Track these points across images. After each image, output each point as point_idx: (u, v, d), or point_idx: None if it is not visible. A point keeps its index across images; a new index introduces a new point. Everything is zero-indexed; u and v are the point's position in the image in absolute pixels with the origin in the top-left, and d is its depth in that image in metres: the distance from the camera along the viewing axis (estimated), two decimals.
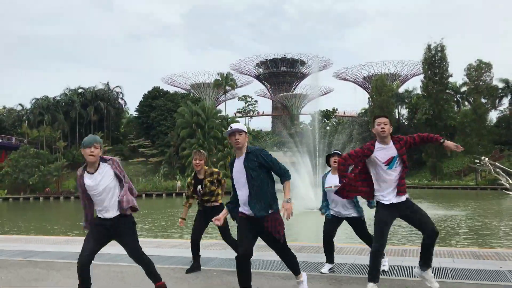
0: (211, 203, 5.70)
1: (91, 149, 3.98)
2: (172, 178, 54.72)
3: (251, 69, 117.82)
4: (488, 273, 5.26)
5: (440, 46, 61.66)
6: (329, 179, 5.68)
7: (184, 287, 5.00)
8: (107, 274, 5.65)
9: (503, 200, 31.10)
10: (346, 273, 5.47)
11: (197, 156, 5.70)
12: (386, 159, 4.42)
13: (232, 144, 4.25)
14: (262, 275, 5.39)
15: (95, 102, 68.80)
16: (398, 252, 6.82)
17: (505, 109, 67.09)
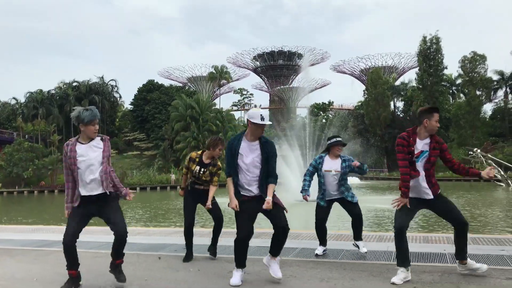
0: (203, 186, 5.59)
1: (96, 126, 4.10)
2: (166, 171, 54.78)
3: (248, 62, 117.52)
4: (430, 256, 5.33)
5: (435, 38, 61.62)
6: (328, 163, 5.63)
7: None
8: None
9: (495, 192, 31.21)
10: (294, 257, 5.53)
11: (222, 145, 5.52)
12: (416, 152, 4.36)
13: (253, 131, 4.34)
14: (210, 259, 5.45)
15: (90, 96, 68.76)
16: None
17: (499, 101, 67.14)
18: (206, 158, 5.53)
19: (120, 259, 4.30)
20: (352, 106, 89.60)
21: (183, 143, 55.47)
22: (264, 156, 4.35)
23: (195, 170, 5.48)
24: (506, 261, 5.01)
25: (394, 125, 66.98)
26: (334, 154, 5.64)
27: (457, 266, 4.52)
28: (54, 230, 8.95)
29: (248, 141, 4.38)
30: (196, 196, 5.60)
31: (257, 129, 4.33)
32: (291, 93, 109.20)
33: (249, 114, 4.37)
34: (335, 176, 5.56)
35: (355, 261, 5.25)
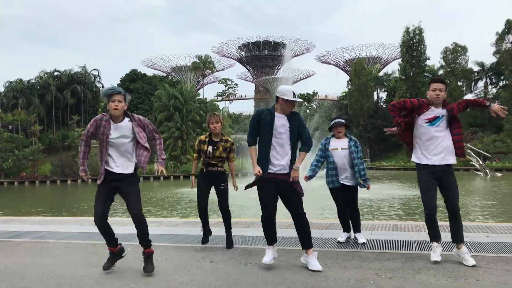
0: (217, 167, 5.56)
1: (115, 103, 4.14)
2: (149, 162, 54.27)
3: (233, 52, 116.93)
4: (396, 243, 5.41)
5: (418, 29, 62.00)
6: (334, 142, 5.68)
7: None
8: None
9: (474, 180, 31.77)
10: (262, 246, 5.54)
11: (213, 119, 5.49)
12: (429, 117, 4.44)
13: (284, 108, 4.37)
14: (177, 248, 5.45)
15: (72, 86, 67.66)
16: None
17: (480, 92, 68.05)
18: (214, 137, 5.55)
19: (148, 249, 4.30)
20: (336, 96, 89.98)
21: (167, 134, 54.96)
22: (295, 128, 4.38)
23: (208, 151, 5.47)
24: (468, 247, 5.10)
25: (377, 116, 67.49)
26: (337, 136, 5.69)
27: (454, 249, 4.59)
28: (25, 221, 8.84)
29: (279, 114, 4.40)
30: (210, 179, 5.58)
31: (288, 106, 4.36)
32: (276, 84, 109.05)
33: (279, 90, 4.39)
34: (343, 153, 5.58)
35: (325, 249, 5.28)
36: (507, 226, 6.61)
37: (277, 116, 4.39)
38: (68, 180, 45.10)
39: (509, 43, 53.73)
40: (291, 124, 4.38)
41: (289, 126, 4.37)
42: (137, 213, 4.23)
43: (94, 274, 4.31)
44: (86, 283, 4.01)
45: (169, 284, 3.93)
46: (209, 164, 5.54)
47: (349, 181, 5.60)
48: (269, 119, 4.35)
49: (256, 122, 4.44)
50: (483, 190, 22.48)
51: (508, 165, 48.25)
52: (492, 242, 5.34)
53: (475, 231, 6.11)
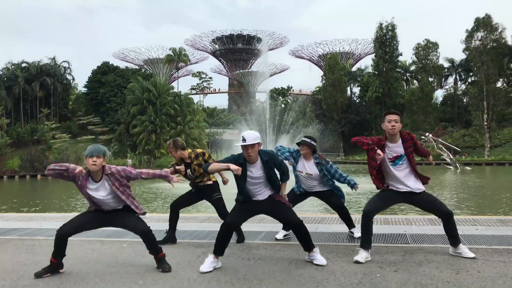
0: (204, 182, 5.55)
1: (93, 158, 4.07)
2: (122, 156, 53.50)
3: (206, 45, 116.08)
4: (391, 236, 5.53)
5: (391, 25, 63.16)
6: (301, 164, 5.53)
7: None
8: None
9: (444, 174, 32.68)
10: (260, 240, 5.58)
11: (170, 149, 5.44)
12: (392, 156, 4.45)
13: (244, 155, 4.33)
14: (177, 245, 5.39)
15: (41, 78, 65.75)
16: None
17: (450, 88, 69.95)
18: (185, 160, 5.50)
19: (160, 254, 4.30)
20: (310, 91, 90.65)
21: (140, 127, 54.20)
22: (268, 171, 4.38)
23: (189, 174, 5.48)
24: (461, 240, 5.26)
25: (351, 110, 68.47)
26: (302, 154, 5.54)
27: (450, 248, 4.66)
28: (8, 217, 8.59)
29: (251, 165, 4.36)
30: (201, 194, 5.64)
31: (244, 151, 4.30)
32: (251, 77, 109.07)
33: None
34: (307, 177, 5.53)
35: (321, 243, 5.36)
36: (493, 219, 6.85)
37: (251, 167, 4.36)
38: (38, 175, 43.87)
39: (478, 40, 55.24)
40: (267, 171, 4.37)
41: (263, 174, 4.37)
42: (141, 229, 4.25)
43: (98, 271, 4.24)
44: (92, 280, 3.94)
45: (177, 280, 3.91)
46: (196, 182, 5.58)
47: (321, 187, 5.58)
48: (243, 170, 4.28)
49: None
50: (457, 183, 23.17)
51: (476, 159, 49.86)
52: (483, 235, 5.52)
53: (464, 224, 6.30)
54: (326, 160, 5.55)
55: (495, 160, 48.92)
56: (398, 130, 4.46)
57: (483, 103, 54.92)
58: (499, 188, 20.62)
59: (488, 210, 12.13)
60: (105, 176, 4.19)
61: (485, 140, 54.86)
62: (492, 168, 42.43)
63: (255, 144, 4.25)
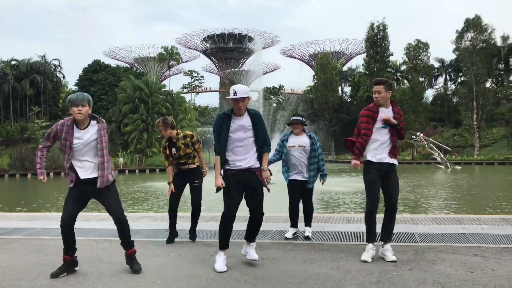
0: (188, 165, 5.57)
1: (79, 107, 3.99)
2: (114, 154, 53.11)
3: (198, 44, 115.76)
4: (398, 236, 5.59)
5: (382, 25, 63.48)
6: (292, 139, 5.71)
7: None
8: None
9: (435, 173, 32.99)
10: (269, 239, 5.62)
11: (160, 127, 5.50)
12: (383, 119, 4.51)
13: (234, 109, 4.35)
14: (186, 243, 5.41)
15: (31, 75, 65.04)
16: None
17: (440, 88, 70.60)
18: (172, 139, 5.58)
19: (131, 249, 4.23)
20: (301, 90, 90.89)
21: (132, 126, 53.91)
22: (253, 128, 4.37)
23: (173, 152, 5.51)
24: (468, 239, 5.35)
25: (342, 110, 68.82)
26: (295, 133, 5.74)
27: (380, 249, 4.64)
28: (9, 217, 8.51)
29: (235, 117, 4.37)
30: (183, 177, 5.62)
31: (233, 104, 4.33)
32: (242, 76, 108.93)
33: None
34: (299, 151, 5.64)
35: (329, 242, 5.40)
36: (497, 218, 6.95)
37: (234, 118, 4.38)
38: (28, 174, 43.42)
39: (468, 41, 55.83)
40: (253, 125, 4.38)
41: (247, 125, 4.37)
42: (119, 215, 4.16)
43: (112, 270, 4.23)
44: (109, 280, 3.92)
45: (196, 280, 3.91)
46: (180, 164, 5.60)
47: (301, 177, 5.68)
48: (224, 123, 4.35)
49: (216, 127, 4.40)
50: (449, 182, 23.39)
51: (466, 159, 50.42)
52: (489, 234, 5.59)
53: (469, 223, 6.38)
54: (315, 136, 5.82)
55: (484, 159, 49.52)
56: (383, 99, 4.54)
57: (473, 103, 55.54)
58: (492, 186, 20.87)
59: (484, 209, 12.30)
60: (94, 122, 4.13)
61: (474, 139, 55.50)
62: (481, 167, 42.96)
63: (245, 97, 4.30)
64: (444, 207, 13.51)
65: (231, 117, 4.38)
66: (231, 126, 4.35)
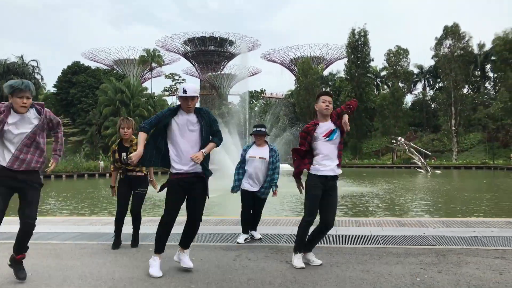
0: (135, 172, 5.47)
1: (24, 100, 3.72)
2: (94, 158, 52.31)
3: (178, 47, 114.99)
4: (413, 238, 5.65)
5: (363, 31, 64.47)
6: (254, 150, 5.80)
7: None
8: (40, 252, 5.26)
9: (415, 177, 33.52)
10: (284, 243, 5.61)
11: (125, 124, 5.45)
12: (325, 133, 4.52)
13: (182, 107, 4.24)
14: (204, 247, 5.34)
15: (8, 76, 63.23)
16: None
17: (419, 93, 71.97)
18: (125, 143, 5.52)
19: (22, 254, 3.96)
20: (282, 94, 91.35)
21: (112, 129, 53.19)
22: (204, 122, 4.25)
23: (122, 158, 5.42)
24: (483, 241, 5.44)
25: None
26: (257, 143, 5.83)
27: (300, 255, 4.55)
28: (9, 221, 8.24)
29: (184, 114, 4.25)
30: (130, 184, 5.53)
31: (183, 103, 4.23)
32: (223, 80, 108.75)
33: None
34: (259, 163, 5.71)
35: (347, 245, 5.42)
36: (502, 221, 7.10)
37: (182, 115, 4.26)
38: None
39: (447, 48, 57.14)
40: (198, 121, 4.26)
41: (198, 123, 4.25)
42: (31, 215, 3.87)
43: (139, 275, 4.14)
44: (138, 285, 3.84)
45: (228, 283, 3.86)
46: (127, 170, 5.50)
47: (257, 188, 5.75)
48: (169, 117, 4.24)
49: (161, 114, 4.27)
50: (432, 187, 23.79)
51: (445, 163, 51.48)
52: (501, 236, 5.71)
53: (478, 226, 6.50)
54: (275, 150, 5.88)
55: (462, 164, 50.67)
56: (331, 111, 4.58)
57: (451, 108, 56.83)
58: (476, 190, 21.33)
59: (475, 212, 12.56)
60: (32, 109, 3.85)
61: (453, 144, 56.75)
62: (460, 172, 43.93)
63: (195, 96, 4.27)
64: (434, 210, 13.75)
65: (178, 111, 4.28)
66: (178, 117, 4.24)
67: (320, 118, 4.61)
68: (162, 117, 4.22)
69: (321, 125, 4.56)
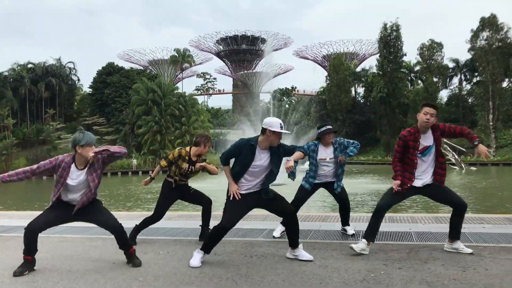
0: (186, 182, 5.50)
1: (93, 147, 4.00)
2: (127, 156, 53.67)
3: (211, 46, 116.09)
4: (395, 234, 5.46)
5: (395, 25, 62.88)
6: (322, 152, 5.47)
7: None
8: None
9: (449, 174, 32.45)
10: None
11: (208, 143, 5.31)
12: (422, 147, 4.44)
13: (270, 139, 4.17)
14: (178, 241, 5.35)
15: (46, 78, 65.87)
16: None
17: (454, 88, 69.54)
18: (193, 155, 5.35)
19: (131, 249, 4.27)
20: (314, 91, 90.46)
21: (145, 128, 54.33)
22: (277, 161, 4.28)
23: (184, 168, 5.30)
24: (468, 238, 5.19)
25: (355, 111, 68.26)
26: (326, 142, 5.49)
27: (446, 244, 4.63)
28: (12, 215, 8.59)
29: (260, 150, 4.22)
30: (179, 193, 5.49)
31: (276, 138, 4.16)
32: (255, 78, 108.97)
33: (266, 122, 4.16)
34: (329, 164, 5.48)
35: (325, 241, 5.30)
36: (500, 217, 6.75)
37: (258, 151, 4.22)
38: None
39: (483, 40, 54.94)
40: (271, 157, 4.24)
41: (269, 159, 4.23)
42: (113, 225, 4.16)
43: (99, 268, 4.20)
44: (92, 276, 3.89)
45: (177, 276, 3.85)
46: (181, 180, 5.44)
47: (330, 178, 5.54)
48: (249, 154, 4.19)
49: (237, 149, 4.27)
50: (462, 183, 22.98)
51: (482, 160, 49.49)
52: (490, 233, 5.43)
53: (470, 222, 6.21)
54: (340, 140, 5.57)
55: (501, 160, 48.60)
56: (431, 124, 4.44)
57: (489, 103, 54.64)
58: (507, 187, 20.42)
59: (495, 209, 12.02)
60: (90, 164, 4.07)
61: (490, 140, 54.55)
62: (498, 169, 42.18)
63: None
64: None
65: (255, 148, 4.21)
66: (255, 159, 4.21)
67: (421, 129, 4.48)
68: (238, 154, 4.25)
69: (420, 137, 4.45)
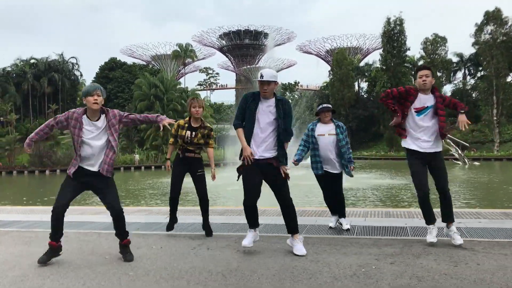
0: (194, 153, 5.42)
1: (94, 97, 4.04)
2: (130, 151, 53.64)
3: (214, 41, 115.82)
4: (390, 229, 5.43)
5: (398, 19, 62.40)
6: (320, 128, 5.53)
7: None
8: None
9: (453, 169, 32.32)
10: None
11: (196, 103, 5.33)
12: (420, 106, 4.52)
13: (263, 93, 4.36)
14: (172, 236, 5.34)
15: (49, 74, 65.94)
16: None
17: (458, 82, 69.18)
18: (193, 122, 5.39)
19: (125, 239, 4.30)
20: (318, 86, 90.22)
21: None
22: (279, 115, 4.34)
23: (186, 136, 5.31)
24: (463, 232, 5.15)
25: (358, 106, 68.05)
26: (324, 121, 5.55)
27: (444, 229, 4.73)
28: (10, 210, 8.60)
29: (262, 101, 4.38)
30: (186, 165, 5.43)
31: (260, 87, 4.34)
32: (258, 73, 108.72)
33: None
34: (329, 139, 5.46)
35: (319, 235, 5.27)
36: (497, 212, 6.71)
37: (262, 103, 4.37)
38: (47, 170, 44.24)
39: (488, 34, 54.52)
40: (276, 109, 4.35)
41: (273, 111, 4.34)
42: (115, 207, 4.20)
43: (90, 262, 4.19)
44: (83, 271, 3.88)
45: (168, 271, 3.84)
46: (186, 150, 5.39)
47: (332, 168, 5.52)
48: (253, 105, 4.36)
49: (243, 103, 4.44)
50: (464, 178, 22.88)
51: (485, 155, 49.34)
52: (485, 228, 5.40)
53: (467, 217, 6.17)
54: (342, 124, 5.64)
55: (505, 155, 48.36)
56: (430, 84, 4.54)
57: (493, 97, 54.29)
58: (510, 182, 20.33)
59: (493, 204, 11.96)
60: (103, 116, 4.16)
61: (494, 135, 54.30)
62: (501, 164, 41.96)
63: (272, 81, 4.31)
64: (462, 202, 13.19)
65: (259, 98, 4.39)
66: (259, 106, 4.36)
67: (421, 92, 4.58)
68: (245, 107, 4.40)
69: (420, 97, 4.54)
